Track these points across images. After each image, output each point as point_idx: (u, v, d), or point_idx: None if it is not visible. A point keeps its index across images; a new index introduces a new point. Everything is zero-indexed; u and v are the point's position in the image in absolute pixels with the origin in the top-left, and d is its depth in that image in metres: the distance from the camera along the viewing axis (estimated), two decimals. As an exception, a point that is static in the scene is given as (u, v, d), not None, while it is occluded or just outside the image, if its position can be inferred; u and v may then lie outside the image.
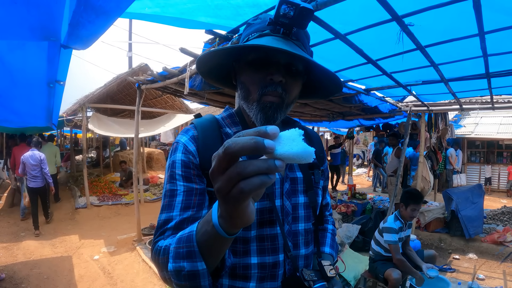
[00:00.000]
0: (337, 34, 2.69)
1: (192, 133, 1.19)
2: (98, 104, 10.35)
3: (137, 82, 6.46)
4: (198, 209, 1.09)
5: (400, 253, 4.15)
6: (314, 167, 1.34)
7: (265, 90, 1.10)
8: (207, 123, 1.23)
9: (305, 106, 6.97)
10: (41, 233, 7.79)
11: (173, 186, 1.12)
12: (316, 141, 1.46)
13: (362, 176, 19.08)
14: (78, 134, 21.93)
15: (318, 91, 1.36)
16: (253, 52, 1.11)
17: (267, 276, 1.16)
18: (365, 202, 9.27)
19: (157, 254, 0.99)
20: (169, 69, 4.98)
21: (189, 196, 1.09)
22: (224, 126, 1.25)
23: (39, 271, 5.68)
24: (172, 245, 0.90)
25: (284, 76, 1.10)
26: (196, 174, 1.12)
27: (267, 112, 1.10)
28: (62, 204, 10.44)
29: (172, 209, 1.08)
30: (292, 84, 1.15)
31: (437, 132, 8.41)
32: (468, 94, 5.65)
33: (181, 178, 1.11)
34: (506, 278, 5.77)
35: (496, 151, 16.01)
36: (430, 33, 2.86)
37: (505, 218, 8.71)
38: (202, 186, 1.12)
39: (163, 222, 1.07)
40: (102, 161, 17.19)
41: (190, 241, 0.83)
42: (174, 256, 0.87)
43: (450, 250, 7.16)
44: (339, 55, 3.41)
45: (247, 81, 1.14)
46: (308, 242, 1.29)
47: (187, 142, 1.16)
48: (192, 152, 1.14)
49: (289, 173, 1.25)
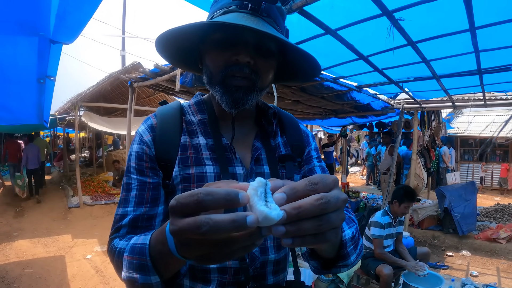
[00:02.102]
0: (328, 29, 2.68)
1: (151, 122, 1.11)
2: (91, 103, 10.31)
3: (129, 80, 6.42)
4: (152, 205, 1.03)
5: (382, 248, 4.19)
6: (286, 159, 1.18)
7: (229, 69, 0.98)
8: (168, 111, 1.14)
9: (298, 103, 6.96)
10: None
11: (129, 180, 1.06)
12: (290, 126, 1.27)
13: (356, 174, 19.11)
14: (70, 134, 21.76)
15: (297, 74, 1.21)
16: (218, 31, 0.99)
17: (228, 282, 1.06)
18: (358, 200, 9.26)
19: (112, 253, 0.96)
20: (160, 66, 4.95)
21: (142, 191, 1.03)
22: (187, 114, 1.16)
23: (32, 271, 5.63)
24: (126, 253, 0.86)
25: (253, 56, 0.98)
26: (149, 166, 1.05)
27: (233, 94, 0.99)
28: (55, 203, 10.36)
29: (128, 204, 1.03)
30: (263, 66, 1.02)
31: (430, 130, 8.43)
32: (460, 91, 5.66)
33: (135, 171, 1.05)
34: (499, 274, 5.81)
35: (489, 149, 16.07)
36: (421, 29, 2.86)
37: (498, 215, 8.80)
38: (156, 180, 1.05)
39: (119, 217, 1.02)
40: (95, 161, 17.13)
41: (143, 254, 0.80)
42: (128, 265, 0.84)
43: (443, 247, 7.18)
44: (330, 51, 3.40)
45: (211, 62, 1.03)
46: (280, 246, 1.14)
47: (143, 131, 1.09)
48: (147, 142, 1.06)
49: (255, 167, 1.12)
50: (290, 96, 6.10)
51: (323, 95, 6.09)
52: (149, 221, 1.03)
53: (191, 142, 1.09)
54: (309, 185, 0.55)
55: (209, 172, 1.05)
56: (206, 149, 1.09)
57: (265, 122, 1.20)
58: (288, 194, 0.54)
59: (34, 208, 9.82)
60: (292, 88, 5.48)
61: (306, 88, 5.46)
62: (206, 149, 1.09)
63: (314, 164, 1.26)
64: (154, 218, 1.04)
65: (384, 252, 4.17)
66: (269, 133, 1.18)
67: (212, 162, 1.07)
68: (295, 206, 0.52)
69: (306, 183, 0.55)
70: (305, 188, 0.55)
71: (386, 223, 4.18)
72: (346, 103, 6.90)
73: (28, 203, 10.29)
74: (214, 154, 1.08)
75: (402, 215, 4.28)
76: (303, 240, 0.54)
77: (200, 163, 1.06)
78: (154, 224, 1.03)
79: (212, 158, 1.07)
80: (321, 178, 0.56)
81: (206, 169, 1.06)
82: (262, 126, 1.20)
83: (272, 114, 1.19)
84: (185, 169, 1.05)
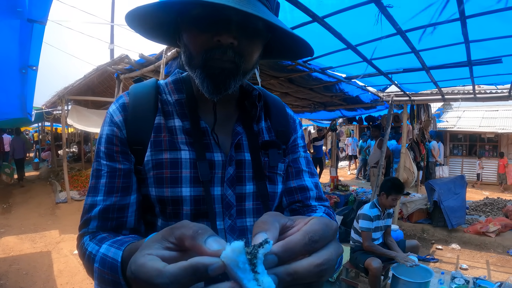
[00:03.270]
0: (315, 16, 2.62)
1: (123, 101, 1.00)
2: (78, 96, 10.17)
3: (116, 72, 6.33)
4: (123, 194, 0.95)
5: (370, 240, 4.17)
6: (270, 146, 1.08)
7: (211, 53, 0.86)
8: (143, 89, 1.03)
9: (286, 95, 6.90)
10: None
11: (98, 166, 0.96)
12: (276, 110, 1.18)
13: (345, 169, 19.06)
14: (59, 129, 21.63)
15: (287, 51, 1.10)
16: (197, 7, 0.86)
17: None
18: (348, 193, 9.31)
19: (82, 253, 0.89)
20: (146, 56, 4.87)
21: (112, 178, 0.94)
22: (164, 93, 1.04)
23: (18, 267, 5.57)
24: (96, 264, 0.78)
25: (237, 36, 0.85)
26: (120, 151, 0.96)
27: (215, 79, 0.88)
28: (43, 199, 10.29)
29: (97, 193, 0.94)
30: (249, 47, 0.90)
31: (419, 123, 8.45)
32: (450, 83, 5.66)
33: (105, 156, 0.96)
34: (489, 267, 5.85)
35: (479, 144, 16.24)
36: (410, 17, 2.82)
37: (487, 209, 8.91)
38: (127, 165, 0.96)
39: (88, 207, 0.94)
40: (83, 156, 17.04)
41: (115, 271, 0.72)
42: (99, 279, 0.76)
43: (433, 240, 7.22)
44: (318, 40, 3.35)
45: (190, 43, 0.90)
46: None
47: (114, 111, 0.99)
48: (118, 123, 0.96)
49: (234, 154, 1.02)
50: (277, 88, 6.03)
51: (311, 87, 6.05)
52: (121, 212, 0.94)
53: (166, 124, 0.99)
54: (308, 244, 0.47)
55: (184, 158, 0.96)
56: (182, 133, 0.98)
57: (249, 105, 1.09)
58: (280, 257, 0.46)
59: (22, 204, 9.73)
60: (279, 79, 5.43)
61: (294, 79, 5.42)
62: (182, 132, 0.99)
63: (299, 154, 1.17)
64: (126, 209, 0.95)
65: (373, 244, 4.15)
66: (252, 117, 1.08)
67: (188, 147, 0.97)
68: (290, 272, 0.45)
69: (306, 242, 0.47)
70: (304, 248, 0.47)
71: (374, 216, 4.17)
72: (335, 95, 6.88)
73: (16, 199, 10.19)
74: (191, 138, 0.98)
75: (390, 208, 4.27)
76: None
77: (175, 147, 0.97)
78: (126, 215, 0.95)
79: (188, 143, 0.98)
80: (323, 233, 0.48)
81: (181, 155, 0.96)
82: (245, 109, 1.09)
83: (257, 96, 1.08)
84: (158, 154, 0.95)
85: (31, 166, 16.78)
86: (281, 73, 5.06)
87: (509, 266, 5.89)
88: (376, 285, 4.01)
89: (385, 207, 4.23)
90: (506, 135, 14.98)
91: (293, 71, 4.87)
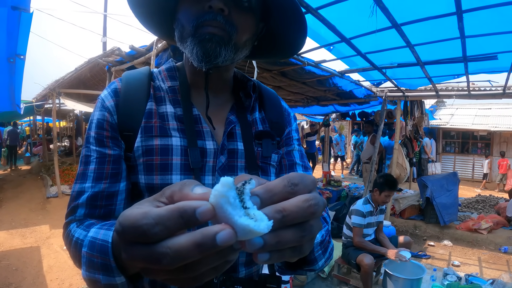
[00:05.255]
0: (308, 7, 2.58)
1: (115, 86, 0.99)
2: (70, 90, 10.04)
3: (107, 65, 6.27)
4: (112, 180, 0.92)
5: (361, 236, 4.17)
6: (263, 136, 1.07)
7: (201, 19, 0.86)
8: (135, 75, 1.02)
9: (279, 89, 6.86)
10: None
11: (88, 152, 0.94)
12: (271, 102, 1.17)
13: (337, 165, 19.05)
14: (50, 123, 21.59)
15: (281, 46, 1.10)
16: None
17: None
18: (340, 189, 9.32)
19: (68, 241, 0.85)
20: (136, 48, 4.80)
21: (101, 164, 0.92)
22: (157, 80, 1.04)
23: (8, 263, 5.52)
24: (84, 248, 0.72)
25: (227, 4, 0.87)
26: (110, 136, 0.94)
27: (205, 44, 0.86)
28: (34, 194, 10.20)
29: (85, 179, 0.92)
30: (240, 18, 0.91)
31: (413, 120, 8.46)
32: (445, 78, 5.65)
33: (95, 141, 0.94)
34: (481, 264, 5.87)
35: (471, 141, 16.33)
36: (405, 11, 2.78)
37: (479, 206, 8.98)
38: (117, 152, 0.94)
39: (76, 194, 0.91)
40: (75, 150, 16.91)
41: (105, 253, 0.67)
42: (88, 264, 0.71)
43: (425, 237, 7.23)
44: (311, 33, 3.30)
45: (183, 15, 0.91)
46: None
47: (106, 96, 0.97)
48: (109, 108, 0.95)
49: (227, 143, 1.01)
50: (270, 81, 6.00)
51: (304, 80, 6.03)
52: (109, 199, 0.91)
53: (158, 110, 0.98)
54: (288, 186, 0.45)
55: (175, 145, 0.94)
56: (174, 119, 0.97)
57: (243, 95, 1.09)
58: (262, 198, 0.44)
59: (12, 199, 9.64)
60: (272, 73, 5.40)
61: (286, 73, 5.39)
62: (173, 119, 0.97)
63: (294, 147, 1.15)
64: (115, 196, 0.92)
65: (363, 240, 4.14)
66: (247, 107, 1.07)
67: (179, 133, 0.96)
68: (278, 209, 0.42)
69: (285, 184, 0.45)
70: (284, 189, 0.44)
71: (367, 212, 4.16)
72: (328, 89, 6.86)
73: (6, 194, 10.12)
74: (183, 125, 0.97)
75: (383, 204, 4.26)
76: (281, 255, 0.45)
77: (166, 133, 0.95)
78: (115, 203, 0.92)
79: (180, 130, 0.96)
80: (301, 178, 0.46)
81: (172, 141, 0.94)
82: (239, 99, 1.09)
83: (252, 87, 1.08)
84: (148, 140, 0.93)
85: (22, 160, 16.71)
86: (274, 66, 5.02)
87: (501, 263, 5.91)
88: (368, 282, 4.01)
89: (378, 203, 4.23)
90: (498, 133, 15.10)
91: (286, 64, 4.83)
